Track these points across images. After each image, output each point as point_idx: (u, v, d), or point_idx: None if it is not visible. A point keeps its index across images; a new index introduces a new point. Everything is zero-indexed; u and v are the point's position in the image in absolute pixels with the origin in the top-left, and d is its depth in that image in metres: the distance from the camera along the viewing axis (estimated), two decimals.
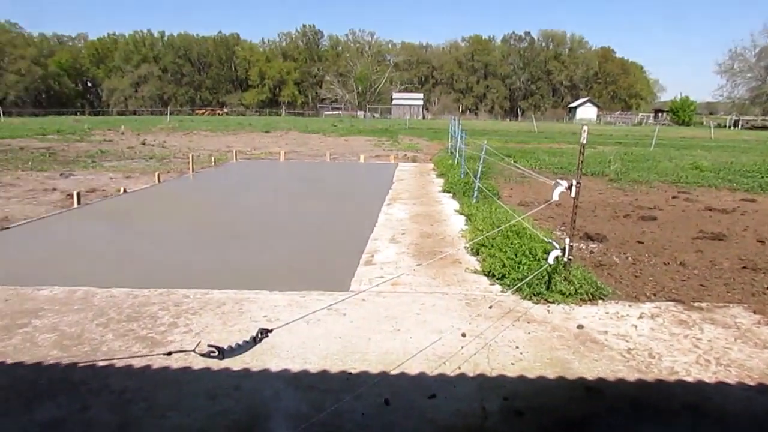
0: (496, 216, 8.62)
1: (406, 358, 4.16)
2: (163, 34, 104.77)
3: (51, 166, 17.33)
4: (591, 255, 7.54)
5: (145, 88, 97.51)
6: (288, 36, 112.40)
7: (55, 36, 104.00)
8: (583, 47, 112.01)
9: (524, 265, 6.03)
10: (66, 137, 30.45)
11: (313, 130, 41.67)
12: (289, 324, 3.71)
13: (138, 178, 15.02)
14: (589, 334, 4.74)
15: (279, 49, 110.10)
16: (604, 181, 15.29)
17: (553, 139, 35.57)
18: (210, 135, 35.54)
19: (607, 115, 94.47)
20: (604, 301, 5.57)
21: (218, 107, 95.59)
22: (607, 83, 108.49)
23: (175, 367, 3.90)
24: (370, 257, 7.14)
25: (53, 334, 4.51)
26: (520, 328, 4.81)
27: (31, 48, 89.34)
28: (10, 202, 11.02)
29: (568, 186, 5.63)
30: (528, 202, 11.53)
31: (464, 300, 5.52)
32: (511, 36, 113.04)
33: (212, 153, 22.37)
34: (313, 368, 3.98)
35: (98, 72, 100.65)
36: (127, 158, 20.56)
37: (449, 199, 11.82)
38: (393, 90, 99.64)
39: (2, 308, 5.07)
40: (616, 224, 9.64)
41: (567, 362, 4.18)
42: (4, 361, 4.00)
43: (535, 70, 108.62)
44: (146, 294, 5.48)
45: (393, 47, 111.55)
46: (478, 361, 4.16)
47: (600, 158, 20.80)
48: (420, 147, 27.83)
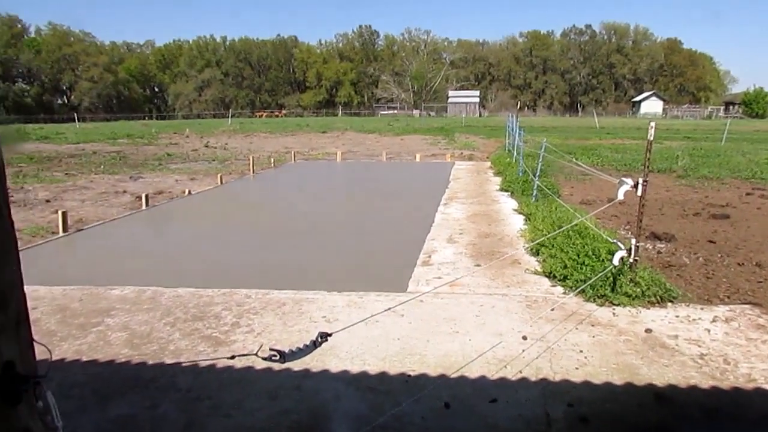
0: (556, 215, 8.40)
1: (465, 360, 4.10)
2: (224, 39, 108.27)
3: (121, 169, 18.19)
4: (658, 255, 7.22)
5: (207, 91, 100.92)
6: (345, 37, 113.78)
7: (125, 44, 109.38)
8: (648, 39, 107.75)
9: (587, 266, 5.84)
10: (135, 141, 31.91)
11: (369, 129, 41.92)
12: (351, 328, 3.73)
13: (201, 179, 15.54)
14: (658, 338, 4.53)
15: (336, 50, 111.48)
16: (672, 178, 14.64)
17: (616, 135, 34.39)
18: (269, 136, 36.38)
19: (674, 108, 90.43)
20: (673, 303, 5.32)
21: (277, 109, 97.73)
22: (674, 75, 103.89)
23: (238, 367, 3.99)
24: (428, 257, 7.10)
25: (124, 332, 4.72)
26: (584, 332, 4.66)
27: (103, 56, 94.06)
28: (85, 204, 11.63)
29: (634, 184, 5.40)
30: (590, 201, 11.18)
31: (524, 302, 5.40)
32: (571, 30, 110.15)
33: (271, 154, 22.88)
34: (372, 370, 3.99)
35: (164, 77, 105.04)
36: (192, 160, 21.31)
37: (507, 198, 11.62)
38: (449, 88, 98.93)
39: (77, 307, 5.34)
40: (685, 223, 9.21)
41: (635, 368, 4.01)
42: (80, 358, 4.21)
43: (596, 64, 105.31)
44: (210, 294, 5.64)
45: (449, 45, 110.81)
46: (541, 365, 4.05)
47: (667, 154, 19.93)
48: (476, 145, 27.51)
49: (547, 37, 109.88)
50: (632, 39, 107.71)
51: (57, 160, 21.17)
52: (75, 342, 4.52)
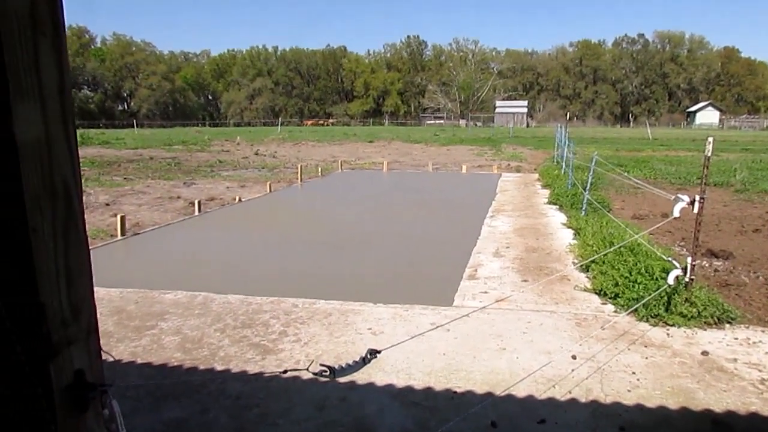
0: (607, 230, 8.18)
1: (512, 379, 4.04)
2: (276, 49, 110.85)
3: (176, 174, 18.80)
4: (715, 274, 6.94)
5: (258, 100, 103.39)
6: (393, 47, 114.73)
7: (182, 53, 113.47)
8: (704, 48, 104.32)
9: (640, 284, 5.66)
10: (189, 147, 32.94)
11: (415, 139, 41.99)
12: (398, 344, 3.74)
13: (251, 187, 15.89)
14: (715, 361, 4.35)
15: (383, 60, 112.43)
16: (729, 192, 14.06)
17: (670, 147, 33.30)
18: (317, 145, 36.91)
19: (732, 119, 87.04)
20: (731, 325, 5.10)
21: (325, 118, 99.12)
22: (731, 85, 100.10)
23: (286, 376, 4.05)
24: (474, 271, 7.04)
25: (177, 336, 4.86)
26: (636, 352, 4.52)
27: (161, 64, 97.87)
28: (141, 208, 12.08)
29: (691, 201, 5.23)
30: (642, 216, 10.85)
31: (573, 319, 5.28)
32: (622, 39, 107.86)
33: (319, 163, 23.20)
34: (417, 384, 3.98)
35: (218, 85, 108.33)
36: (242, 168, 21.83)
37: (556, 212, 11.41)
38: (496, 98, 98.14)
39: (133, 310, 5.54)
40: (744, 240, 8.83)
41: (690, 391, 3.87)
42: (135, 360, 4.37)
43: (649, 73, 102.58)
44: (258, 302, 5.75)
45: (497, 55, 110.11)
46: (591, 385, 3.95)
47: (724, 167, 19.15)
48: (524, 156, 27.15)
49: (598, 47, 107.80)
50: (687, 48, 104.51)
51: (117, 164, 22.08)
52: (131, 344, 4.69)
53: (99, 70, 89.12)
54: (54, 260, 1.18)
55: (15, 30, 1.06)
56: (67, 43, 1.25)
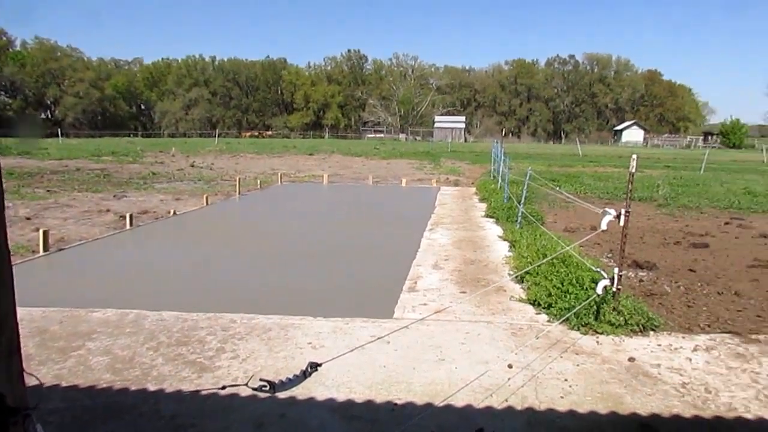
0: (540, 243, 8.48)
1: (451, 389, 4.10)
2: (213, 59, 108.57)
3: (105, 187, 18.03)
4: (640, 284, 7.32)
5: (195, 110, 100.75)
6: (333, 60, 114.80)
7: (112, 60, 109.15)
8: (629, 70, 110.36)
9: (571, 294, 5.90)
10: (120, 159, 31.68)
11: (355, 152, 42.13)
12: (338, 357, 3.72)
13: (187, 200, 15.46)
14: (641, 367, 4.58)
15: (324, 72, 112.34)
16: (653, 207, 14.89)
17: (599, 163, 34.92)
18: (256, 157, 36.36)
19: (655, 137, 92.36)
20: (655, 332, 5.39)
21: (264, 130, 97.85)
22: (654, 105, 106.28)
23: (223, 394, 3.95)
24: (414, 283, 7.12)
25: (106, 357, 4.65)
26: (568, 360, 4.69)
27: (89, 71, 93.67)
28: (67, 222, 11.50)
29: (617, 215, 5.50)
30: (573, 228, 11.31)
31: (510, 329, 5.43)
32: (555, 59, 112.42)
33: (258, 176, 22.85)
34: (358, 398, 3.97)
35: (151, 95, 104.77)
36: (177, 180, 21.20)
37: (492, 225, 11.71)
38: (435, 113, 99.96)
39: (58, 330, 5.26)
40: (666, 251, 9.35)
41: (619, 397, 4.05)
42: (60, 383, 4.14)
43: (579, 92, 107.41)
44: (194, 318, 5.59)
45: (436, 71, 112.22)
46: (526, 393, 4.06)
47: (648, 182, 20.29)
48: (462, 170, 27.75)
49: (531, 66, 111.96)
50: (614, 69, 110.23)
51: (39, 176, 20.93)
52: (54, 366, 4.44)
53: (19, 75, 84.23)
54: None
55: None
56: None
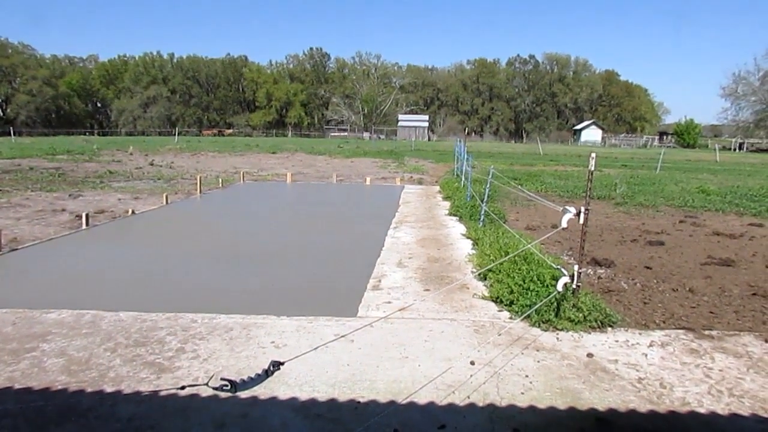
0: (503, 240, 8.61)
1: (414, 386, 4.13)
2: (172, 56, 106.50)
3: (60, 186, 17.47)
4: (599, 281, 7.50)
5: (153, 108, 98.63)
6: (295, 58, 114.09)
7: (66, 57, 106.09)
8: (588, 70, 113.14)
9: (532, 292, 6.01)
10: (75, 157, 30.74)
11: (319, 151, 41.93)
12: (301, 356, 3.70)
13: (146, 199, 15.11)
14: (599, 362, 4.70)
15: (286, 71, 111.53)
16: (611, 205, 15.27)
17: (559, 162, 35.65)
18: (217, 156, 35.79)
19: (612, 137, 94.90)
20: (613, 328, 5.53)
21: (225, 128, 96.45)
22: (612, 106, 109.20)
23: (183, 395, 3.88)
24: (378, 282, 7.13)
25: (61, 358, 4.51)
26: (529, 356, 4.77)
27: (42, 69, 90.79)
28: (20, 222, 11.10)
29: (577, 213, 5.63)
30: (535, 226, 11.51)
31: (472, 327, 5.49)
32: (515, 59, 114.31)
33: (219, 174, 22.51)
34: (321, 397, 3.96)
35: (108, 93, 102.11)
36: (136, 179, 20.70)
37: (456, 223, 11.83)
38: (399, 112, 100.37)
39: (10, 332, 5.08)
40: (623, 249, 9.61)
41: (577, 392, 4.14)
42: (12, 386, 4.00)
43: (539, 92, 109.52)
44: (154, 318, 5.48)
45: (399, 70, 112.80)
46: (488, 390, 4.12)
47: (606, 181, 20.81)
48: (426, 169, 27.93)
49: (493, 65, 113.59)
50: (573, 69, 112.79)
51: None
52: (6, 369, 4.29)
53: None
54: None
55: None
56: None
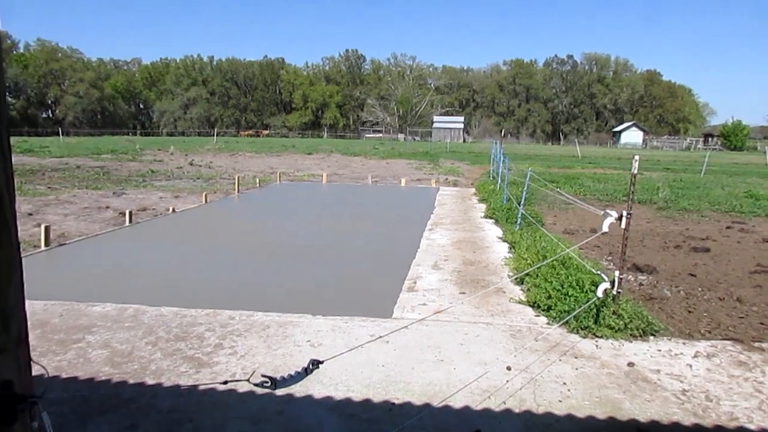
0: (540, 244, 8.48)
1: (449, 390, 4.10)
2: (212, 59, 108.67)
3: (105, 184, 18.01)
4: (640, 287, 7.31)
5: (193, 110, 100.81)
6: (331, 60, 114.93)
7: (111, 60, 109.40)
8: (628, 70, 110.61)
9: (571, 297, 5.90)
10: (119, 157, 31.65)
11: (354, 152, 42.13)
12: (338, 356, 3.72)
13: (186, 197, 15.44)
14: (640, 372, 4.57)
15: (322, 72, 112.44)
16: (653, 210, 14.89)
17: (598, 164, 34.96)
18: (254, 156, 36.34)
19: (654, 139, 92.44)
20: (655, 337, 5.37)
21: (262, 129, 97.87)
22: (654, 107, 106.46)
23: (221, 390, 3.94)
24: (413, 283, 7.12)
25: (105, 350, 4.64)
26: (567, 363, 4.69)
27: (89, 72, 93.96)
28: (67, 218, 11.48)
29: (618, 217, 5.50)
30: (573, 230, 11.31)
31: (509, 331, 5.43)
32: (553, 59, 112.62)
33: (256, 174, 22.84)
34: (356, 397, 3.97)
35: (150, 94, 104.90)
36: (176, 178, 21.18)
37: (492, 226, 11.71)
38: (433, 113, 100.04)
39: (58, 323, 5.25)
40: (666, 255, 9.35)
41: (617, 402, 4.04)
42: (60, 375, 4.13)
43: (578, 93, 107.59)
44: (193, 314, 5.59)
45: (434, 71, 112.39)
46: (524, 396, 4.06)
47: (647, 185, 20.29)
48: (461, 171, 27.76)
49: (530, 66, 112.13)
50: (613, 70, 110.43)
51: (40, 173, 20.92)
52: (54, 358, 4.44)
53: (22, 76, 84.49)
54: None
55: None
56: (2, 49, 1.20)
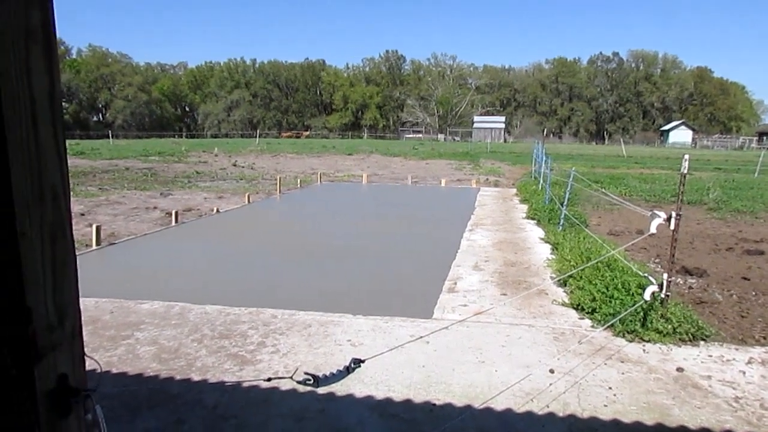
0: (584, 245, 8.30)
1: (491, 392, 4.06)
2: (254, 62, 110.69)
3: (152, 185, 18.57)
4: (689, 291, 7.08)
5: (236, 112, 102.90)
6: (371, 61, 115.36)
7: (158, 65, 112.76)
8: (677, 67, 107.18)
9: (616, 300, 5.74)
10: (165, 158, 32.58)
11: (394, 153, 42.18)
12: (378, 356, 3.73)
13: (229, 198, 15.77)
14: (690, 378, 4.43)
15: (362, 73, 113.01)
16: (703, 210, 14.39)
17: (644, 164, 34.01)
18: (295, 157, 36.82)
19: (704, 138, 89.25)
20: (706, 342, 5.19)
21: (303, 130, 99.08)
22: (704, 105, 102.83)
23: (264, 387, 4.01)
24: (453, 284, 7.07)
25: (153, 347, 4.78)
26: (612, 367, 4.57)
27: (137, 76, 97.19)
28: (117, 218, 11.88)
29: (667, 218, 5.34)
30: (618, 232, 11.04)
31: (551, 334, 5.33)
32: (597, 57, 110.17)
33: (297, 175, 23.13)
34: (396, 397, 3.97)
35: (195, 97, 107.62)
36: (220, 179, 21.65)
37: (534, 226, 11.54)
38: (474, 113, 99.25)
39: (108, 320, 5.44)
40: (717, 258, 9.02)
41: (666, 408, 3.92)
42: (110, 370, 4.28)
43: (623, 91, 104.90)
44: (237, 312, 5.70)
45: (475, 70, 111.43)
46: (568, 400, 3.98)
47: (697, 185, 19.60)
48: (502, 171, 27.45)
49: (573, 64, 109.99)
50: (660, 67, 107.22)
51: (91, 175, 21.73)
52: (105, 354, 4.60)
53: (74, 81, 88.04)
54: (41, 265, 1.16)
55: (8, 37, 1.07)
56: (57, 51, 1.25)
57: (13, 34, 1.08)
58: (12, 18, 1.09)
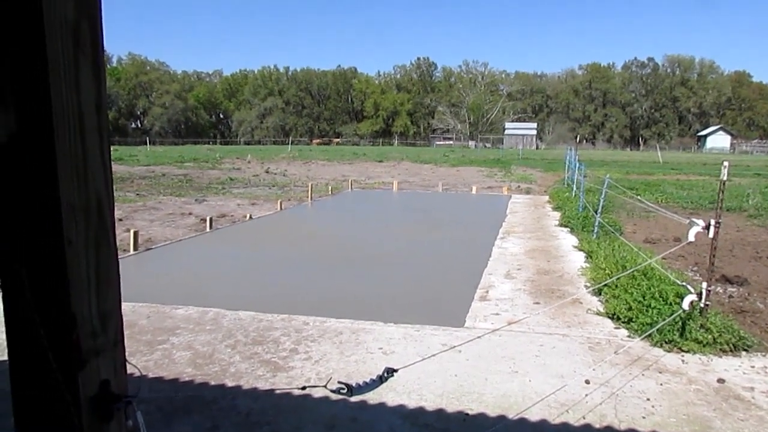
0: (619, 254, 8.13)
1: (525, 402, 4.00)
2: (287, 69, 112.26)
3: (187, 191, 18.93)
4: (730, 300, 6.87)
5: (269, 119, 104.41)
6: (402, 68, 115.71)
7: (195, 72, 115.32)
8: (714, 72, 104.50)
9: (653, 309, 5.60)
10: (200, 165, 33.21)
11: (424, 160, 42.11)
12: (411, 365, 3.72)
13: (262, 204, 15.96)
14: (732, 389, 4.28)
15: (393, 81, 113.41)
16: (743, 218, 13.95)
17: (681, 171, 33.18)
18: (327, 164, 37.09)
19: (743, 143, 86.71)
20: (748, 352, 5.02)
21: (334, 137, 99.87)
22: (743, 109, 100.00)
23: (297, 394, 4.03)
24: (485, 293, 7.01)
25: (188, 352, 4.86)
26: (650, 378, 4.46)
27: (174, 84, 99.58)
28: (153, 224, 12.15)
29: (705, 225, 5.20)
30: (654, 240, 10.78)
31: (587, 343, 5.23)
32: (632, 62, 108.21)
33: (329, 182, 23.29)
34: (429, 406, 3.94)
35: (229, 105, 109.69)
36: (253, 186, 21.95)
37: (567, 234, 11.36)
38: (505, 120, 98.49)
39: (145, 324, 5.55)
40: (758, 266, 8.74)
41: (707, 420, 3.80)
42: (147, 375, 4.37)
43: (659, 97, 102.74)
44: (269, 319, 5.75)
45: (506, 77, 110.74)
46: (605, 411, 3.90)
47: (736, 191, 19.02)
48: (534, 178, 27.13)
49: (607, 70, 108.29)
50: (697, 72, 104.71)
51: (129, 180, 22.29)
52: (142, 358, 4.69)
53: (114, 89, 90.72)
54: (86, 272, 1.19)
55: (58, 49, 1.10)
56: (105, 63, 1.28)
57: (63, 46, 1.11)
58: (63, 30, 1.12)
